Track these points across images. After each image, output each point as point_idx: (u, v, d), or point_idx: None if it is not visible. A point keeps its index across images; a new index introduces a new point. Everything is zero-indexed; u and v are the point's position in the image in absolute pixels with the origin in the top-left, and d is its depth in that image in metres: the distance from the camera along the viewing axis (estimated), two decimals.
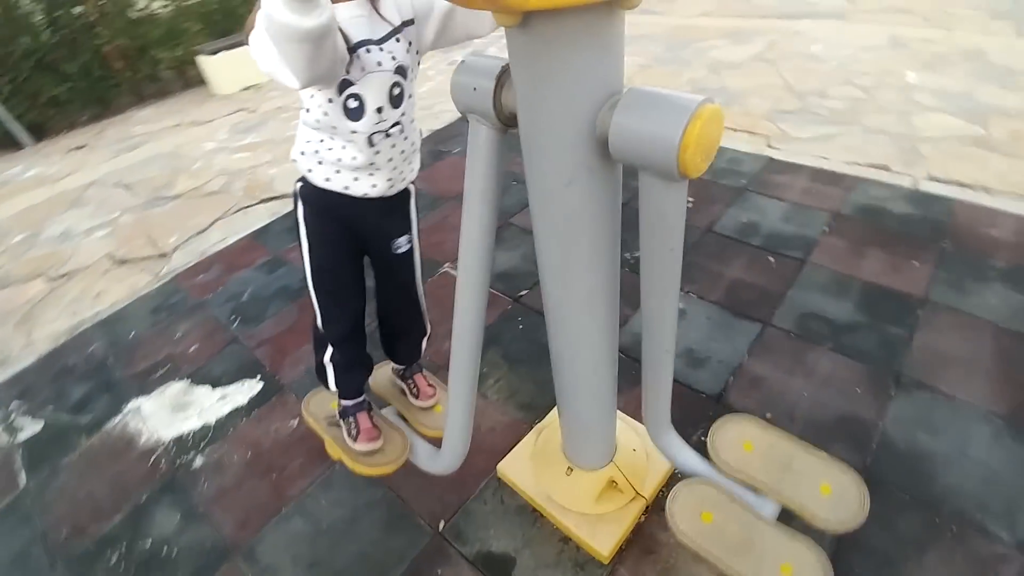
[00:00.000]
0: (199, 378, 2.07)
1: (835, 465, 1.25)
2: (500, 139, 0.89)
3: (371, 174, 1.18)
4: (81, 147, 4.52)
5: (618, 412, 1.45)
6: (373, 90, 1.07)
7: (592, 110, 0.69)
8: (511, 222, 2.70)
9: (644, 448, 1.52)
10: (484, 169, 0.93)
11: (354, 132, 1.10)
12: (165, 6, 5.39)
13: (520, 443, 1.61)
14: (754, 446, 1.29)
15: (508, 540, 1.44)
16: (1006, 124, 3.10)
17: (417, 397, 1.64)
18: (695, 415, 1.69)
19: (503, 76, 0.82)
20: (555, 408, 1.63)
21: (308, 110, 1.12)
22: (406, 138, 1.20)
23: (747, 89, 3.90)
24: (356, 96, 1.06)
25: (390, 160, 1.18)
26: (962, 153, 2.88)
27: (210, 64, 5.18)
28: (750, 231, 2.45)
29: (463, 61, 0.88)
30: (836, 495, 1.18)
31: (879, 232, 2.35)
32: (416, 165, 1.30)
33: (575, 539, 1.40)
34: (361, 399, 1.51)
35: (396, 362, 1.65)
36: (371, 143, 1.13)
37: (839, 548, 1.34)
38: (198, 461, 1.76)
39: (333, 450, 1.54)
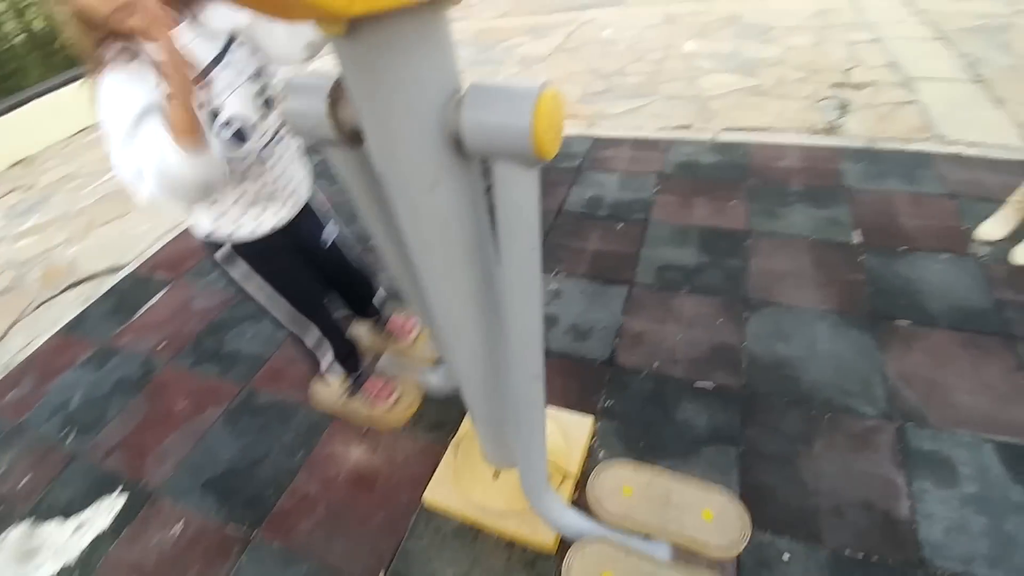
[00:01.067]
0: (42, 513, 1.69)
1: (711, 489, 1.36)
2: (359, 157, 0.84)
3: (278, 198, 1.23)
4: None
5: None
6: (242, 105, 1.05)
7: (438, 111, 0.68)
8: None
9: (559, 427, 1.56)
10: (365, 189, 0.89)
11: (245, 158, 1.10)
12: None
13: (440, 466, 1.56)
14: (632, 489, 1.36)
15: (453, 567, 1.39)
16: (771, 72, 3.69)
17: (402, 335, 1.87)
18: (593, 383, 1.77)
19: (336, 92, 0.77)
20: (466, 417, 1.61)
21: None
22: (290, 141, 1.24)
23: (558, 78, 4.18)
24: (230, 121, 1.04)
25: (279, 175, 1.21)
26: (744, 103, 3.37)
27: None
28: (595, 204, 2.63)
29: (286, 85, 0.82)
30: (718, 518, 1.28)
31: (698, 182, 2.66)
32: (305, 165, 1.35)
33: (519, 540, 1.39)
34: (362, 370, 1.70)
35: (366, 317, 1.82)
36: (263, 160, 1.14)
37: (746, 465, 1.50)
38: None
39: (360, 419, 1.72)
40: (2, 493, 1.79)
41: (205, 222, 1.21)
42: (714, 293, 2.04)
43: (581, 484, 1.49)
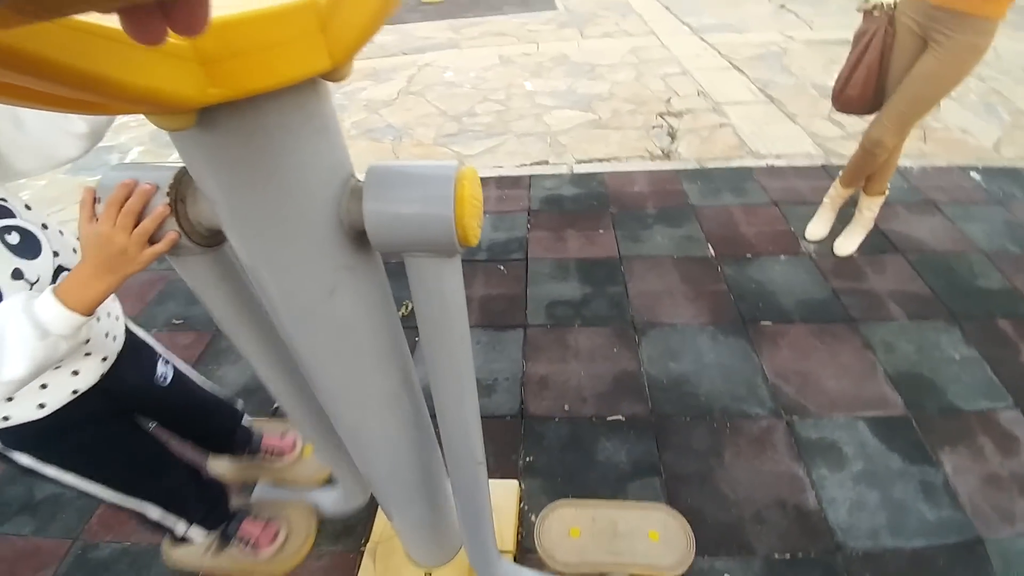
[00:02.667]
0: None
1: (650, 508, 1.37)
2: (217, 259, 0.67)
3: (63, 363, 0.87)
4: None
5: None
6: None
7: (331, 204, 0.56)
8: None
9: None
10: (226, 296, 0.71)
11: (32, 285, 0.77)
12: None
13: None
14: (579, 530, 1.33)
15: None
16: (606, 105, 4.00)
17: (281, 455, 1.49)
18: (509, 441, 1.69)
19: (179, 189, 0.61)
20: (378, 519, 1.42)
21: None
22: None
23: (409, 122, 4.12)
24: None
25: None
26: (589, 136, 3.60)
27: None
28: (472, 249, 2.58)
29: (101, 183, 0.63)
30: (664, 537, 1.29)
31: (565, 215, 2.75)
32: (117, 303, 1.03)
33: None
34: (234, 512, 1.36)
35: (233, 452, 1.44)
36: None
37: (671, 492, 1.51)
38: None
39: (243, 571, 1.34)
40: None
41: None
42: (604, 323, 2.09)
43: (519, 559, 1.39)
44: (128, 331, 1.06)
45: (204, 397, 1.32)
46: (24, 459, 0.93)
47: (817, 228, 2.44)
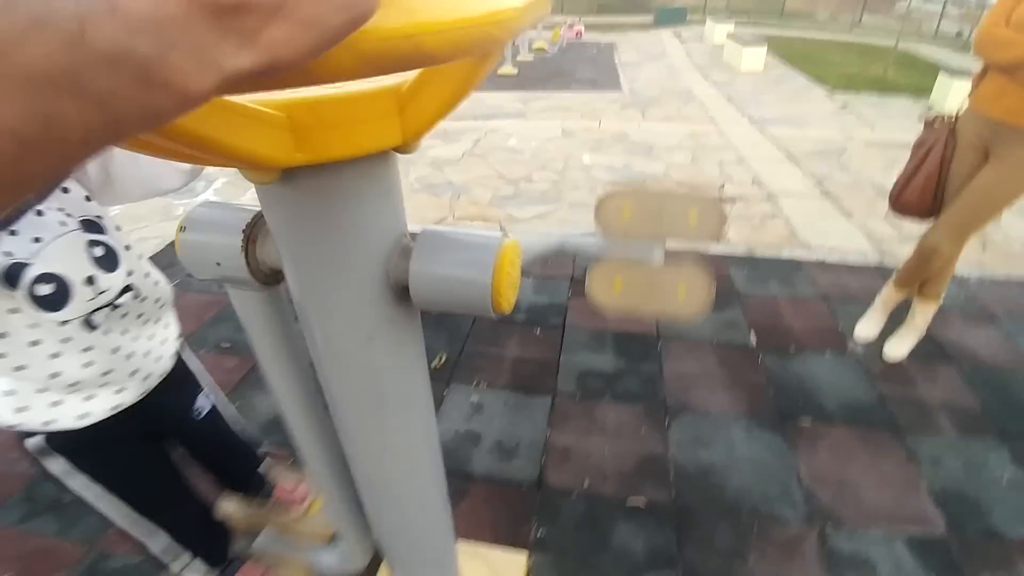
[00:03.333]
0: None
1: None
2: (270, 297, 0.74)
3: (110, 379, 0.91)
4: None
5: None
6: (67, 259, 0.79)
7: (382, 259, 0.61)
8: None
9: (489, 569, 1.40)
10: (273, 334, 0.76)
11: (64, 323, 0.81)
12: None
13: None
14: (631, 210, 1.25)
15: None
16: (659, 185, 4.09)
17: (290, 506, 1.46)
18: (523, 510, 1.65)
19: (254, 228, 0.68)
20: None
21: None
22: (143, 300, 0.94)
23: (468, 181, 4.33)
24: (46, 276, 0.76)
25: (124, 346, 0.92)
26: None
27: None
28: (512, 309, 2.62)
29: (189, 215, 0.71)
30: (702, 216, 1.17)
31: None
32: (168, 329, 1.05)
33: None
34: (235, 556, 1.34)
35: (246, 492, 1.38)
36: (91, 325, 0.85)
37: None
38: None
39: None
40: None
41: (5, 410, 0.89)
42: (634, 400, 2.05)
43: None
44: (179, 359, 1.10)
45: (231, 437, 1.34)
46: (56, 465, 0.97)
47: (867, 328, 2.37)
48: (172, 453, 1.19)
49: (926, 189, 2.02)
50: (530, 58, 9.51)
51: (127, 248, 0.91)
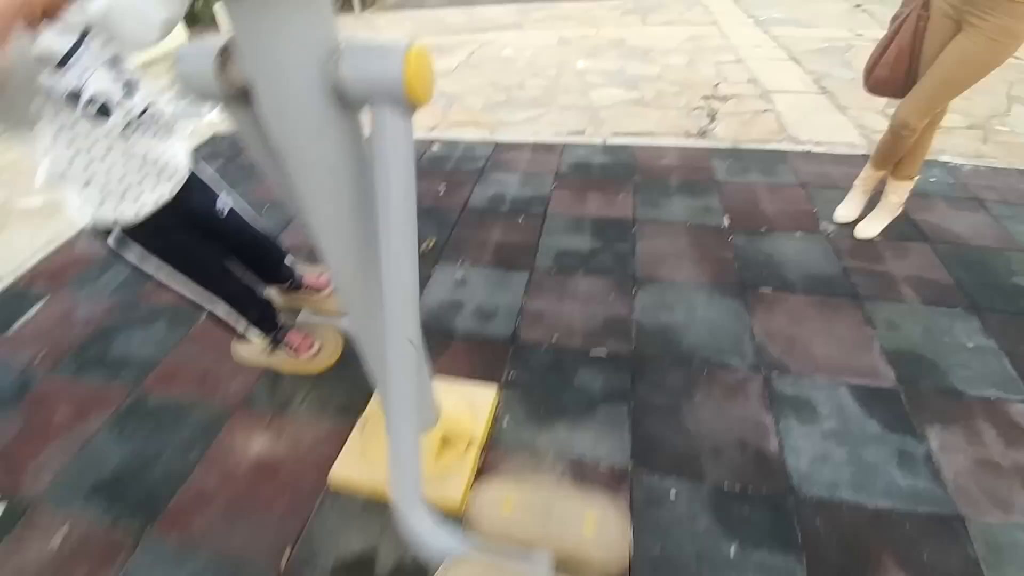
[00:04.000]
0: None
1: (592, 501, 1.19)
2: (249, 110, 0.87)
3: (153, 173, 1.29)
4: None
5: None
6: (102, 85, 1.13)
7: (320, 65, 0.74)
8: None
9: (464, 398, 1.61)
10: (260, 145, 0.92)
11: (108, 134, 1.17)
12: None
13: (346, 445, 1.56)
14: (512, 506, 1.16)
15: (362, 538, 1.39)
16: (652, 86, 4.06)
17: (318, 291, 1.93)
18: (497, 359, 1.85)
19: (224, 54, 0.81)
20: (372, 399, 1.63)
21: (52, 149, 1.15)
22: (157, 120, 1.29)
23: (463, 91, 4.32)
24: (93, 99, 1.13)
25: (151, 150, 1.28)
26: (629, 112, 3.68)
27: None
28: (498, 201, 2.75)
29: (179, 50, 0.84)
30: (600, 530, 1.13)
31: (591, 180, 2.87)
32: (181, 142, 1.40)
33: (428, 503, 1.42)
34: (282, 324, 1.76)
35: (278, 282, 1.87)
36: (126, 137, 1.20)
37: (636, 418, 1.63)
38: None
39: (288, 368, 1.78)
40: None
41: (88, 211, 1.26)
42: (606, 273, 2.21)
43: (487, 450, 1.56)
44: (193, 172, 1.44)
45: (255, 231, 1.67)
46: (131, 256, 1.33)
47: (847, 210, 2.43)
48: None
49: (898, 63, 2.02)
50: None
51: (140, 81, 1.23)
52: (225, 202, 1.58)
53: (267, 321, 1.69)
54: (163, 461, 1.61)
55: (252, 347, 1.79)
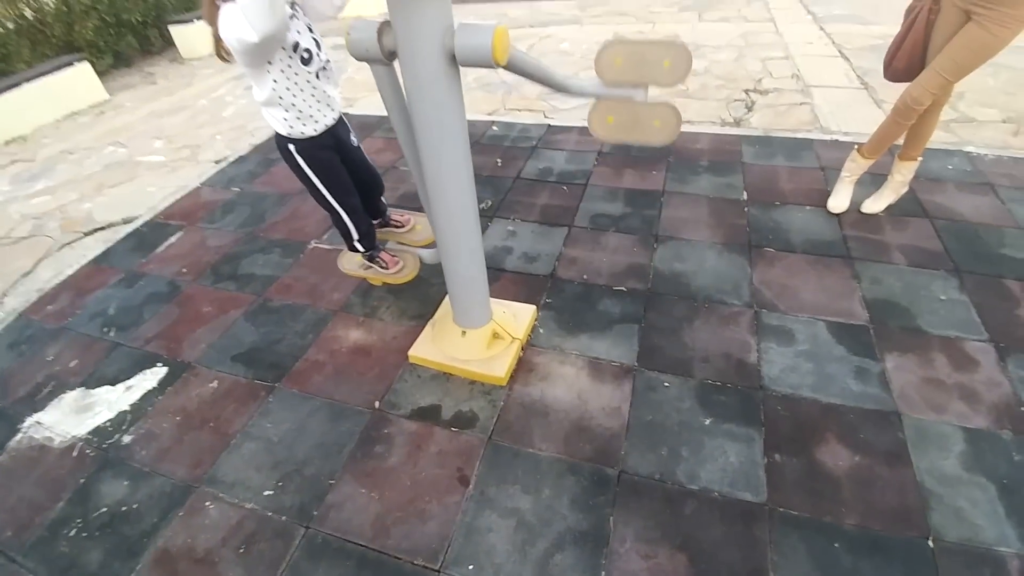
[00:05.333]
0: (94, 382, 2.11)
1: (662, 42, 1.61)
2: (391, 70, 1.39)
3: (326, 105, 1.80)
4: None
5: None
6: (310, 42, 1.66)
7: (441, 38, 1.24)
8: None
9: (510, 309, 2.09)
10: (392, 94, 1.44)
11: (309, 75, 1.69)
12: None
13: (421, 334, 2.07)
14: (622, 59, 1.63)
15: (432, 396, 1.89)
16: (696, 80, 4.40)
17: (401, 227, 2.43)
18: (537, 289, 2.32)
19: (382, 29, 1.32)
20: (443, 303, 2.13)
21: (275, 82, 1.64)
22: (330, 70, 1.80)
23: (520, 80, 4.76)
24: (306, 49, 1.65)
25: (327, 89, 1.78)
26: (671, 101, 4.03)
27: None
28: (546, 173, 3.21)
29: (351, 25, 1.36)
30: (673, 62, 1.58)
31: (628, 159, 3.28)
32: (337, 89, 1.89)
33: (479, 377, 1.91)
34: (377, 245, 2.23)
35: (377, 216, 2.37)
36: (318, 77, 1.72)
37: (644, 334, 2.07)
38: (127, 438, 1.88)
39: (375, 279, 2.32)
40: (55, 372, 2.19)
41: (282, 126, 1.76)
42: (633, 232, 2.63)
43: (525, 348, 2.03)
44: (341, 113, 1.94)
45: (370, 166, 2.17)
46: (302, 160, 1.84)
47: (838, 201, 2.67)
48: None
49: (913, 53, 2.29)
50: None
51: (322, 41, 1.74)
52: (356, 139, 2.05)
53: (369, 238, 2.15)
54: (285, 342, 2.18)
55: (352, 259, 2.31)
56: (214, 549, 1.55)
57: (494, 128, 3.80)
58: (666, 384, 1.89)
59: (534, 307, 2.17)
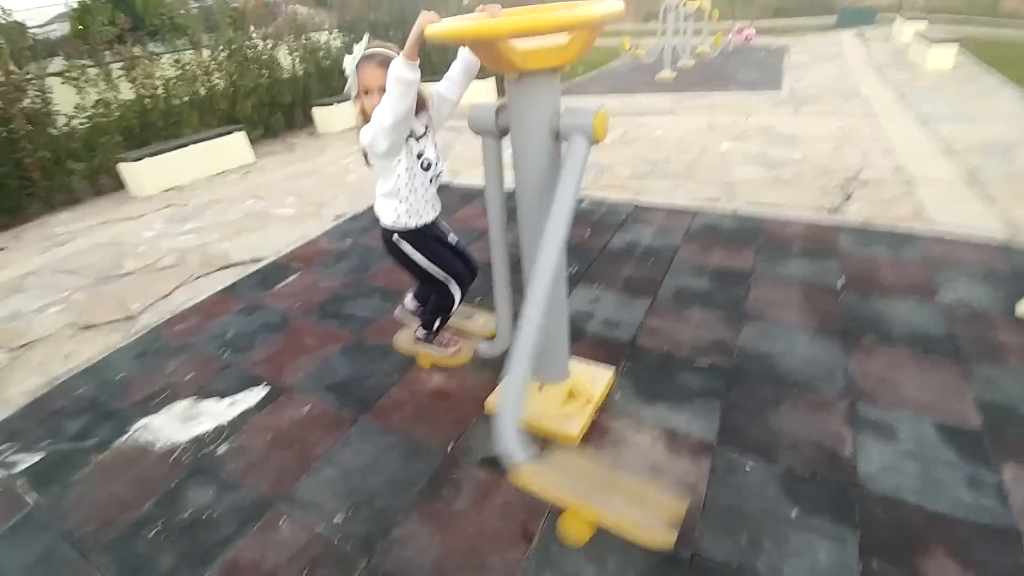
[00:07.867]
0: (203, 394, 2.35)
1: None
2: (498, 144, 1.58)
3: (431, 207, 2.00)
4: (0, 249, 4.50)
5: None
6: (432, 155, 1.89)
7: (549, 119, 1.41)
8: None
9: (588, 370, 2.12)
10: (494, 165, 1.64)
11: (425, 178, 1.91)
12: (82, 123, 5.71)
13: (499, 384, 2.13)
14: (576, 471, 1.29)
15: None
16: (792, 168, 4.40)
17: (469, 317, 2.53)
18: (616, 355, 2.33)
19: (499, 110, 1.52)
20: None
21: (398, 175, 1.84)
22: (440, 178, 2.00)
23: (614, 162, 5.03)
24: (428, 159, 1.88)
25: (435, 194, 1.99)
26: (764, 189, 4.05)
27: (131, 169, 5.46)
28: (633, 247, 3.28)
29: (473, 107, 1.59)
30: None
31: (718, 239, 3.29)
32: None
33: (551, 434, 1.92)
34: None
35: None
36: (431, 182, 1.94)
37: (726, 412, 2.00)
38: (221, 449, 2.05)
39: (427, 360, 2.37)
40: (172, 382, 2.46)
41: (390, 216, 1.94)
42: (719, 308, 2.60)
43: (600, 411, 2.03)
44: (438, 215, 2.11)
45: (470, 254, 2.25)
46: (405, 247, 2.00)
47: None
48: None
49: None
50: (691, 63, 9.80)
51: (440, 155, 1.96)
52: (454, 236, 2.17)
53: (446, 317, 2.23)
54: (373, 378, 2.32)
55: (408, 336, 2.38)
56: (280, 567, 1.61)
57: (583, 204, 3.98)
58: (748, 468, 1.80)
59: (613, 369, 2.18)
